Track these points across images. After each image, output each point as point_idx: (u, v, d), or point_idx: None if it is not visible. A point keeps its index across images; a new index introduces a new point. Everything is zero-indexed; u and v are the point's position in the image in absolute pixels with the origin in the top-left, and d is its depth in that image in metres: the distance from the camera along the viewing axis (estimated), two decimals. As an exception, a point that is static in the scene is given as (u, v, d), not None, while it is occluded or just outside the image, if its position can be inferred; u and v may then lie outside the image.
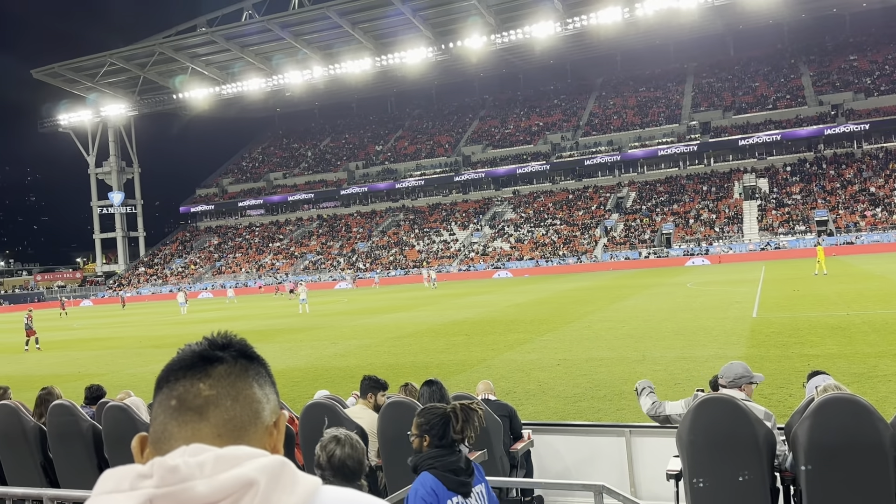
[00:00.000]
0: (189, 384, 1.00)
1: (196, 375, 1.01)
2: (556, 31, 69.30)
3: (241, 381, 1.02)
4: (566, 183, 77.89)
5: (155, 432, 0.99)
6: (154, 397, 1.04)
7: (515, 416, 6.23)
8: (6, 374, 19.18)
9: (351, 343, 21.02)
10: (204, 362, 1.03)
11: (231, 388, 1.01)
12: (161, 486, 0.84)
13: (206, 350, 1.05)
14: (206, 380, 1.00)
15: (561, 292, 36.02)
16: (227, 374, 1.02)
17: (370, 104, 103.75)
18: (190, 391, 0.99)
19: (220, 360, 1.03)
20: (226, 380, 1.01)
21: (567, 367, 14.04)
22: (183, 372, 1.02)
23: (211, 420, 0.97)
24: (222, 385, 1.00)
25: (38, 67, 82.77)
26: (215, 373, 1.01)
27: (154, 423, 1.00)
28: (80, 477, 5.70)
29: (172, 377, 1.02)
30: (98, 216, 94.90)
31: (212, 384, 1.00)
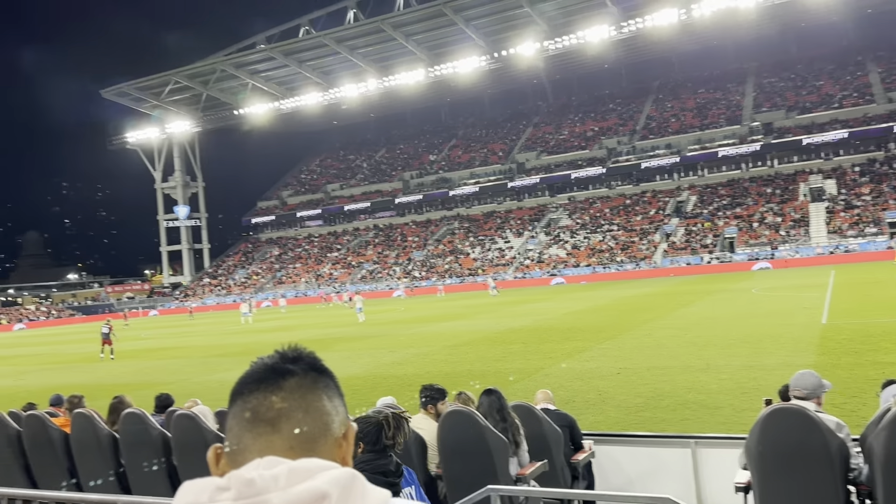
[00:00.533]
0: (262, 397, 1.02)
1: (269, 388, 1.03)
2: (611, 35, 68.47)
3: (312, 393, 1.05)
4: (623, 188, 76.75)
5: (230, 443, 1.02)
6: (228, 409, 1.06)
7: (576, 426, 6.15)
8: (80, 383, 19.98)
9: (408, 351, 21.14)
10: (276, 375, 1.05)
11: (302, 401, 1.03)
12: (238, 499, 0.87)
13: (278, 363, 1.07)
14: (279, 392, 1.03)
15: (619, 299, 35.45)
16: (298, 387, 1.04)
17: (424, 114, 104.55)
18: (263, 404, 1.02)
19: (291, 373, 1.05)
20: (297, 392, 1.03)
21: (628, 375, 13.80)
22: (256, 385, 1.04)
23: (283, 432, 1.00)
24: (294, 398, 1.03)
25: (107, 87, 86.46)
26: (287, 386, 1.04)
27: (229, 435, 1.03)
28: (151, 484, 5.89)
29: (246, 390, 1.05)
30: (164, 229, 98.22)
31: (284, 397, 1.02)
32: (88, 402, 7.58)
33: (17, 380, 23.14)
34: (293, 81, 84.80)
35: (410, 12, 70.09)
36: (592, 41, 69.41)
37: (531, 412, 5.76)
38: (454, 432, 5.11)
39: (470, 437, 5.00)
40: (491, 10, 69.04)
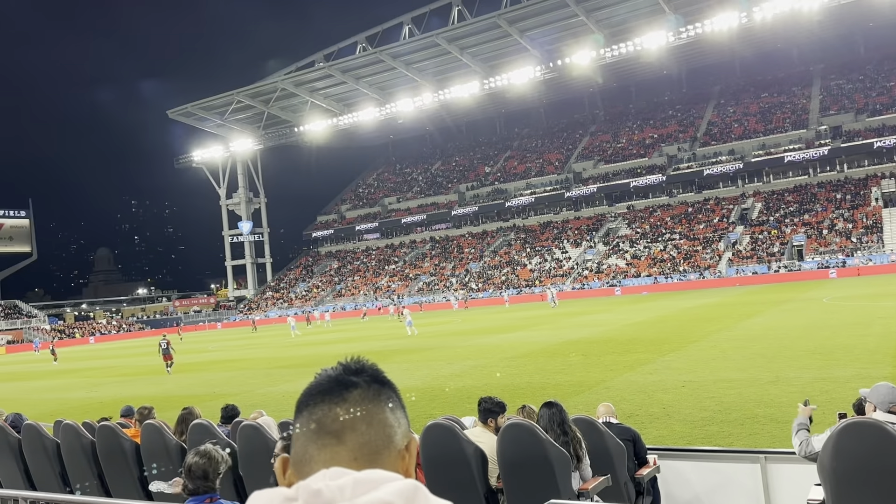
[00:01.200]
0: (327, 408, 1.04)
1: (333, 400, 1.05)
2: (669, 41, 67.35)
3: (375, 405, 1.06)
4: (685, 195, 75.12)
5: (296, 454, 1.04)
6: (294, 420, 1.09)
7: (639, 440, 6.02)
8: (149, 395, 20.67)
9: (466, 363, 21.11)
10: (340, 387, 1.07)
11: (366, 413, 1.05)
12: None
13: (342, 375, 1.09)
14: (343, 404, 1.04)
15: (683, 310, 34.63)
16: (362, 399, 1.06)
17: (479, 126, 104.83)
18: (328, 415, 1.04)
19: (354, 384, 1.07)
20: (360, 404, 1.05)
21: (693, 388, 13.44)
22: (321, 396, 1.06)
23: (348, 444, 1.02)
24: (357, 410, 1.04)
25: (173, 108, 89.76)
26: (351, 397, 1.05)
27: (295, 446, 1.05)
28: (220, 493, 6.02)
29: (311, 401, 1.06)
30: (229, 244, 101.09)
31: (348, 409, 1.04)
32: (158, 414, 7.83)
33: (90, 392, 24.08)
34: (350, 97, 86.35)
35: (465, 25, 70.60)
36: (650, 48, 68.42)
37: (593, 426, 5.67)
38: (514, 445, 5.07)
39: (530, 450, 4.95)
40: (546, 20, 68.90)
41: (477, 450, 5.16)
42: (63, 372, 34.98)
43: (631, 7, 66.85)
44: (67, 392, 24.50)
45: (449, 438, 5.19)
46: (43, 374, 35.35)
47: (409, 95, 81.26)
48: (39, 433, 7.45)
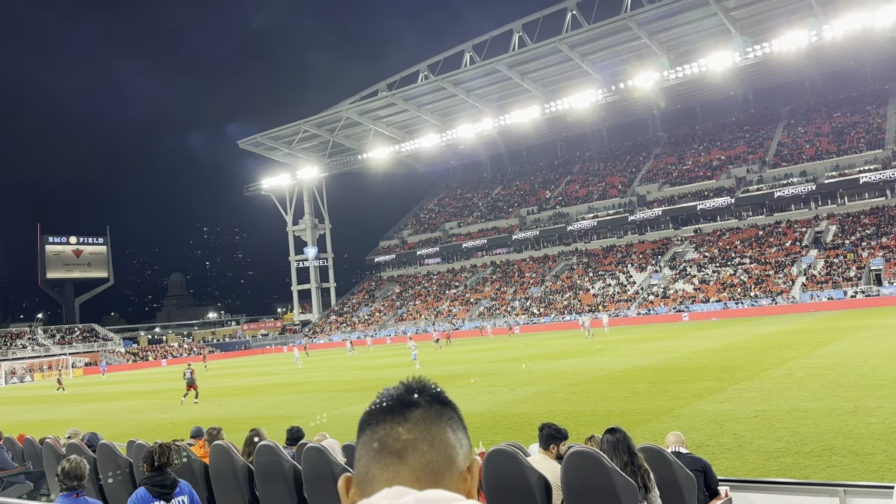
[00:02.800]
0: (389, 428, 1.05)
1: (395, 419, 1.05)
2: (736, 62, 65.98)
3: (436, 425, 1.06)
4: (755, 218, 72.89)
5: (359, 473, 1.05)
6: (357, 439, 1.09)
7: (710, 471, 5.80)
8: (217, 417, 21.16)
9: (528, 389, 20.85)
10: (402, 407, 1.07)
11: (427, 433, 1.04)
12: None
13: (403, 395, 1.09)
14: (405, 424, 1.05)
15: (755, 337, 33.43)
16: (424, 419, 1.06)
17: (540, 150, 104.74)
18: (390, 435, 1.04)
19: (416, 404, 1.07)
20: (422, 424, 1.05)
21: (766, 418, 12.91)
22: (383, 416, 1.07)
23: (410, 463, 1.02)
24: (419, 429, 1.04)
25: (243, 138, 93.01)
26: (412, 417, 1.06)
27: (358, 465, 1.06)
28: (282, 514, 6.09)
29: (374, 420, 1.07)
30: (295, 269, 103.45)
31: (410, 428, 1.04)
32: (225, 435, 8.00)
33: (162, 413, 24.83)
34: (412, 125, 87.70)
35: (526, 51, 70.97)
36: (716, 69, 67.19)
37: (661, 455, 5.49)
38: (579, 474, 4.95)
39: (596, 479, 4.83)
40: (608, 43, 68.64)
41: (540, 477, 5.07)
42: (136, 394, 36.22)
43: (696, 29, 65.97)
44: (141, 413, 25.33)
45: (511, 465, 5.11)
46: (117, 395, 36.68)
47: (469, 121, 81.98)
48: (114, 452, 7.71)
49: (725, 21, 63.41)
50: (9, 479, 9.74)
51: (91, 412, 27.53)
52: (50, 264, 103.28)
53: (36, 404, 34.64)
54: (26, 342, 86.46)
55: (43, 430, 19.07)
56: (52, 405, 33.75)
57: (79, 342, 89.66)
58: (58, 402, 35.12)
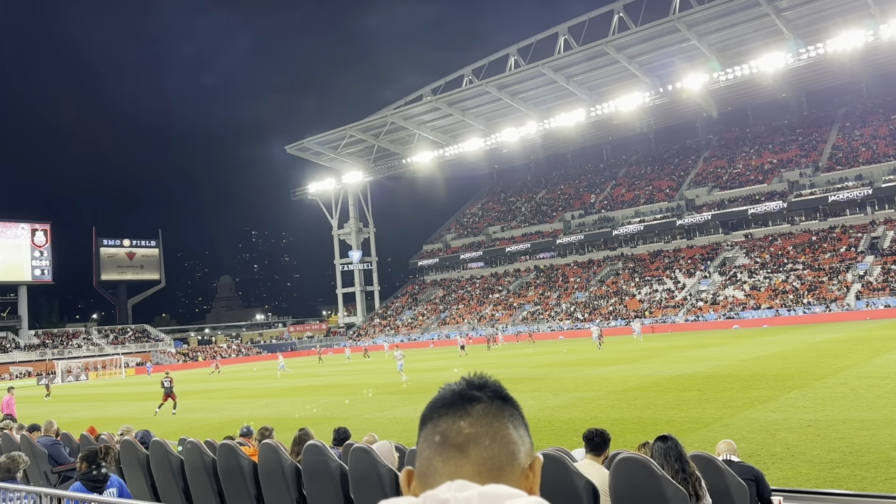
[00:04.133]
0: (451, 421, 1.06)
1: (457, 414, 1.06)
2: (788, 64, 64.34)
3: (498, 421, 1.07)
4: (808, 223, 70.90)
5: (421, 466, 1.06)
6: (419, 433, 1.10)
7: (763, 481, 5.66)
8: (266, 416, 21.50)
9: (573, 395, 20.66)
10: (463, 401, 1.08)
11: (489, 428, 1.05)
12: None
13: (465, 390, 1.10)
14: (467, 418, 1.06)
15: (808, 345, 32.50)
16: (485, 414, 1.07)
17: (585, 154, 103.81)
18: (452, 428, 1.05)
19: (478, 399, 1.08)
20: (484, 419, 1.06)
21: (820, 428, 12.53)
22: (445, 409, 1.08)
23: (471, 457, 1.02)
24: (481, 424, 1.05)
25: (291, 143, 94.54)
26: (474, 412, 1.06)
27: (419, 458, 1.07)
28: (329, 514, 6.15)
29: (435, 414, 1.08)
30: (340, 273, 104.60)
31: (472, 423, 1.05)
32: (273, 434, 8.12)
33: (211, 412, 25.34)
34: (456, 129, 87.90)
35: (572, 54, 70.45)
36: (767, 71, 65.63)
37: (712, 463, 5.38)
38: (628, 481, 4.88)
39: (645, 486, 4.76)
40: (655, 45, 67.69)
41: (588, 483, 5.01)
42: (186, 393, 37.06)
43: (747, 30, 64.56)
44: (190, 413, 25.90)
45: (559, 470, 5.07)
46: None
47: (514, 125, 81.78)
48: (165, 450, 7.90)
49: (778, 22, 61.91)
50: (66, 473, 10.07)
51: (143, 410, 28.27)
52: (104, 266, 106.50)
53: (90, 402, 35.73)
54: (81, 342, 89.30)
55: (98, 426, 19.62)
56: (105, 403, 34.77)
57: (131, 342, 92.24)
58: (111, 401, 36.16)
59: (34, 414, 24.87)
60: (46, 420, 12.12)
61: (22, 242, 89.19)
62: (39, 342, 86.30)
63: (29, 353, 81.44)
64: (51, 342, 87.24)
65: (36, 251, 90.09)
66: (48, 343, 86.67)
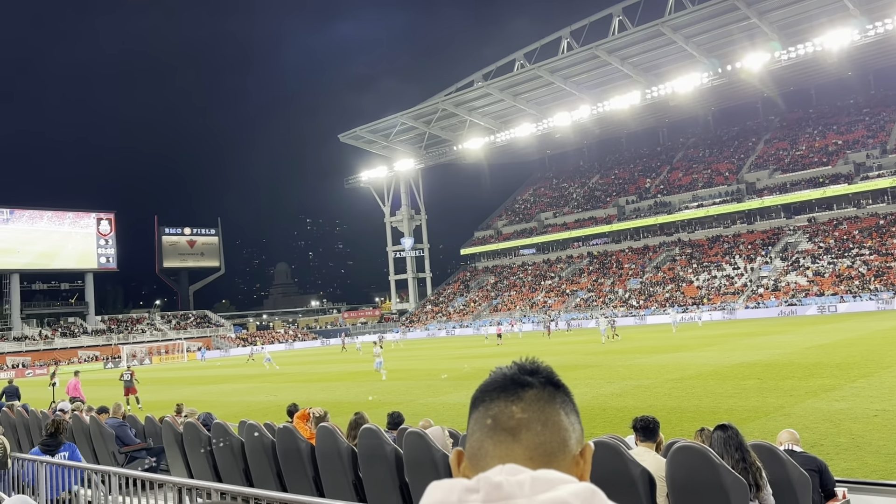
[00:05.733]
0: (503, 405, 1.05)
1: (509, 398, 1.06)
2: (854, 41, 61.64)
3: (550, 407, 1.06)
4: (875, 206, 68.06)
5: (471, 448, 1.06)
6: (470, 415, 1.10)
7: (826, 472, 5.50)
8: (320, 400, 21.91)
9: (627, 383, 20.42)
10: (515, 386, 1.08)
11: (541, 413, 1.05)
12: (487, 502, 0.91)
13: (517, 374, 1.10)
14: (519, 403, 1.05)
15: (875, 332, 31.32)
16: (537, 399, 1.06)
17: (640, 137, 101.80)
18: (504, 412, 1.05)
19: (529, 384, 1.08)
20: (536, 404, 1.06)
21: (887, 418, 12.09)
22: (497, 393, 1.07)
23: (523, 442, 1.02)
24: (533, 409, 1.05)
25: (344, 132, 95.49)
26: (526, 397, 1.06)
27: (470, 440, 1.07)
28: (384, 496, 6.25)
29: (487, 398, 1.08)
30: (392, 260, 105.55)
31: (524, 408, 1.05)
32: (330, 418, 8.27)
33: (270, 395, 25.97)
34: (508, 115, 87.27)
35: (626, 35, 69.05)
36: (832, 49, 63.03)
37: (773, 453, 5.25)
38: (685, 470, 4.80)
39: (703, 476, 4.67)
40: (713, 24, 65.73)
41: (644, 471, 4.95)
42: (246, 377, 38.07)
43: (809, 6, 62.09)
44: (250, 395, 26.60)
45: (614, 458, 5.02)
46: (228, 378, 38.66)
47: (566, 109, 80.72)
48: (227, 431, 8.13)
49: (844, -4, 59.34)
50: (132, 453, 10.48)
51: (204, 393, 29.17)
52: (166, 254, 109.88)
53: (154, 385, 37.04)
54: (145, 327, 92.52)
55: (162, 409, 20.35)
56: (167, 386, 35.99)
57: (192, 328, 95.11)
58: (173, 385, 37.41)
59: (102, 397, 25.92)
60: (115, 403, 12.62)
61: (89, 231, 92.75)
62: (106, 328, 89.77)
63: (96, 338, 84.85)
64: (116, 327, 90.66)
65: (101, 240, 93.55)
66: (114, 328, 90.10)
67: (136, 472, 6.88)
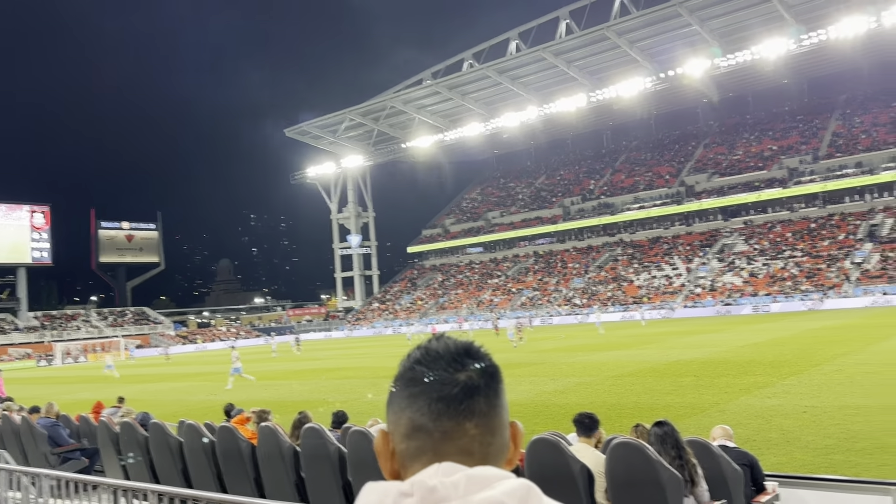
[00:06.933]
0: (455, 424, 1.02)
1: (462, 415, 1.02)
2: (790, 50, 64.05)
3: (496, 410, 1.05)
4: (807, 210, 70.89)
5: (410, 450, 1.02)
6: (402, 411, 1.05)
7: (757, 466, 5.71)
8: (264, 399, 21.59)
9: (570, 380, 20.76)
10: (465, 397, 1.03)
11: (490, 423, 1.03)
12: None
13: (453, 360, 1.05)
14: (472, 419, 1.02)
15: (805, 331, 32.62)
16: (488, 409, 1.04)
17: (585, 140, 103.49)
18: (457, 431, 1.01)
19: (477, 390, 1.04)
20: (486, 418, 1.03)
21: (815, 414, 12.62)
22: (445, 406, 1.02)
23: (475, 456, 1.00)
24: (485, 423, 1.02)
25: (290, 127, 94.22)
26: (478, 409, 1.03)
27: (409, 443, 1.03)
28: (327, 495, 6.21)
29: (435, 408, 1.03)
30: (339, 257, 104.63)
31: (477, 423, 1.02)
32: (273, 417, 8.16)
33: (210, 395, 25.45)
34: (456, 114, 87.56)
35: (573, 39, 70.11)
36: (769, 57, 65.34)
37: (707, 449, 5.43)
38: (623, 465, 4.93)
39: (640, 471, 4.80)
40: (656, 30, 67.33)
41: (583, 467, 5.06)
42: (185, 376, 37.19)
43: (748, 15, 64.17)
44: (189, 395, 26.01)
45: (555, 454, 5.11)
46: (166, 377, 37.71)
47: (514, 110, 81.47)
48: (164, 432, 7.95)
49: (780, 7, 61.55)
50: (66, 454, 10.13)
51: (142, 392, 28.38)
52: (103, 249, 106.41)
53: (90, 384, 35.86)
54: (80, 324, 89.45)
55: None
56: (104, 385, 34.89)
57: (130, 325, 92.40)
58: (111, 383, 36.28)
59: (34, 395, 24.97)
60: (47, 402, 12.18)
61: (22, 224, 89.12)
62: (39, 324, 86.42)
63: (28, 335, 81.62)
64: (50, 324, 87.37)
65: (35, 233, 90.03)
66: (47, 325, 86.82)
67: (69, 474, 6.67)
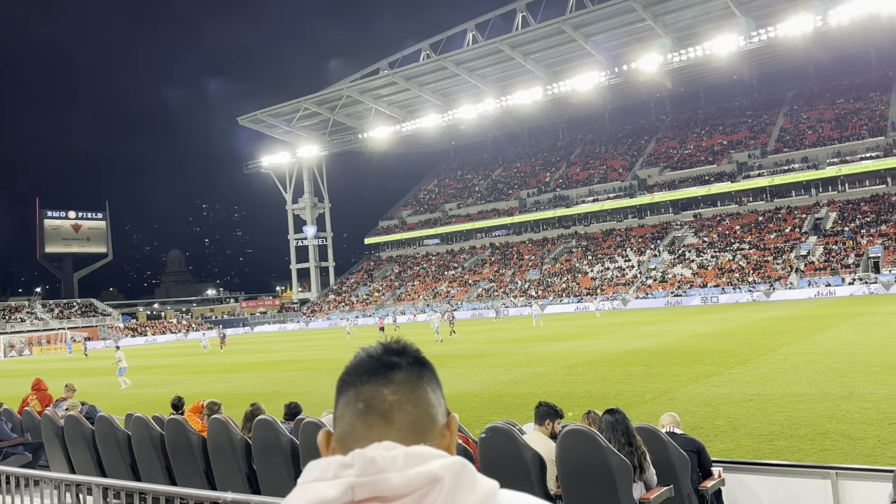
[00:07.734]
0: (374, 389, 1.07)
1: (380, 381, 1.08)
2: (740, 46, 65.59)
3: (419, 387, 1.09)
4: (755, 204, 72.85)
5: (343, 431, 1.08)
6: (337, 398, 1.11)
7: (704, 452, 5.86)
8: (216, 392, 21.26)
9: (524, 370, 20.97)
10: (385, 368, 1.09)
11: (411, 394, 1.08)
12: (361, 476, 0.95)
13: (385, 356, 1.11)
14: (390, 385, 1.07)
15: (752, 322, 33.56)
16: (407, 381, 1.09)
17: (541, 132, 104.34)
18: (376, 396, 1.07)
19: (398, 366, 1.10)
20: (405, 385, 1.08)
21: (760, 402, 13.00)
22: (367, 377, 1.09)
23: (395, 424, 1.05)
24: (403, 391, 1.07)
25: (243, 115, 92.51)
26: (396, 379, 1.08)
27: (340, 423, 1.09)
28: (279, 486, 6.16)
29: (358, 381, 1.09)
30: (294, 248, 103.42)
31: (395, 390, 1.07)
32: (224, 410, 8.04)
33: (160, 388, 24.95)
34: (413, 104, 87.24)
35: (529, 31, 70.47)
36: (720, 53, 66.80)
37: (655, 435, 5.54)
38: (574, 452, 5.00)
39: (590, 457, 4.88)
40: (612, 25, 68.11)
41: (535, 455, 5.12)
42: (135, 369, 36.36)
43: (700, 11, 65.43)
44: (139, 388, 25.46)
45: (507, 442, 5.16)
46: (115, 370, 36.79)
47: (471, 102, 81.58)
48: (112, 425, 7.76)
49: (730, 3, 62.91)
50: (8, 449, 9.82)
51: (90, 385, 27.66)
52: (49, 238, 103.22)
53: (34, 377, 34.76)
54: (25, 316, 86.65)
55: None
56: (49, 378, 33.85)
57: (77, 317, 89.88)
58: (56, 376, 35.25)
59: (-26, 390, 24.08)
60: (-14, 396, 11.76)
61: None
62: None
63: (-32, 328, 78.69)
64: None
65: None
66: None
67: (11, 469, 6.46)
